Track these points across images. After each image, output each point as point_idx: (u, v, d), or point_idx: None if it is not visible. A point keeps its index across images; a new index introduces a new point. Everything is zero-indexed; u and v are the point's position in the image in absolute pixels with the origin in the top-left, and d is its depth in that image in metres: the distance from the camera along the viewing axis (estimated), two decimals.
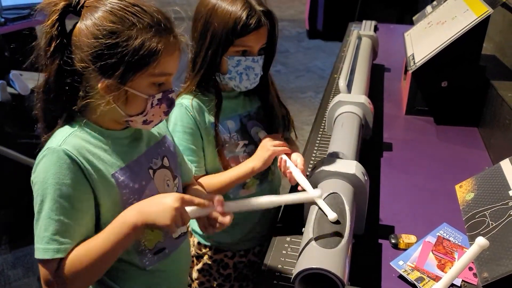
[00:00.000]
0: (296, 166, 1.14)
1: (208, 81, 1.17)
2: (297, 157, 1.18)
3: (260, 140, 1.23)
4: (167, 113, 0.93)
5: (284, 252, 1.12)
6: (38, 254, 0.84)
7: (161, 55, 0.85)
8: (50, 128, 0.91)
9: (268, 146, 1.17)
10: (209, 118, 1.19)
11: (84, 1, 0.87)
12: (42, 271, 0.85)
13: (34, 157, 0.89)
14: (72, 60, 0.86)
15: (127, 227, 0.84)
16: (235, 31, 1.10)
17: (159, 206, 0.84)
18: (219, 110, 1.19)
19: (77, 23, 0.86)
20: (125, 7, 0.85)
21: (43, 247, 0.83)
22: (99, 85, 0.86)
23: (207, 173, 1.23)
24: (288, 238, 1.16)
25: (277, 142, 1.18)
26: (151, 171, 0.97)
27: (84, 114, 0.90)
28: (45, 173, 0.83)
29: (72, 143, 0.86)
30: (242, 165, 1.17)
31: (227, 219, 0.92)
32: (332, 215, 0.94)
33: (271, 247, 1.13)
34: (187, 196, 0.88)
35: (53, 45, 0.85)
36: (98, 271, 0.87)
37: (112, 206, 0.89)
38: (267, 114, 1.28)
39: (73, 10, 0.86)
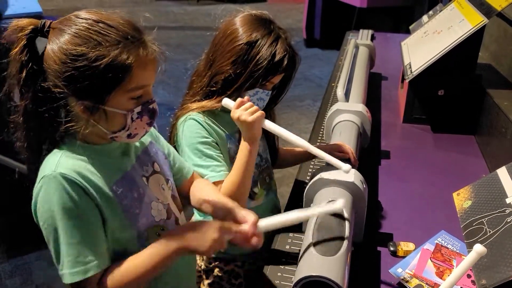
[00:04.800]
0: None
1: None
2: None
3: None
4: (150, 124, 0.92)
5: (283, 259, 1.12)
6: (67, 279, 0.84)
7: (133, 69, 0.84)
8: (37, 155, 0.89)
9: (243, 119, 1.06)
10: (221, 131, 1.20)
11: (50, 23, 0.85)
12: None
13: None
14: (48, 85, 0.84)
15: (171, 250, 0.89)
16: (275, 71, 1.17)
17: (200, 236, 0.89)
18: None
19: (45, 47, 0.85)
20: (89, 27, 0.83)
21: (70, 271, 0.83)
22: (77, 107, 0.85)
23: None
24: (287, 246, 1.16)
25: (250, 110, 1.06)
26: (144, 179, 0.97)
27: (69, 134, 0.89)
28: (48, 202, 0.83)
29: (66, 165, 0.85)
30: (240, 152, 1.13)
31: (261, 242, 0.94)
32: (346, 167, 0.99)
33: (269, 255, 1.14)
34: (226, 226, 0.91)
35: (24, 71, 0.84)
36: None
37: (115, 218, 0.89)
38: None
39: (41, 33, 0.85)
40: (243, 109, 1.06)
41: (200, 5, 8.48)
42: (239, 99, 1.08)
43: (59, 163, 0.85)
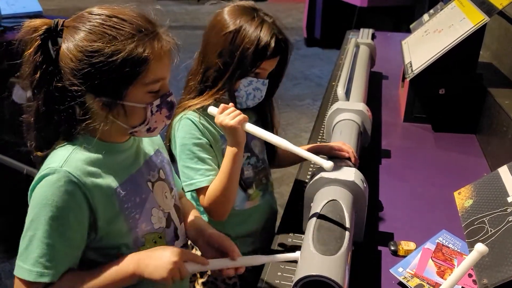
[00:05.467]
0: None
1: (223, 96, 1.19)
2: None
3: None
4: (169, 117, 0.93)
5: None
6: (21, 273, 0.83)
7: (150, 62, 0.83)
8: (45, 148, 0.88)
9: (225, 124, 1.05)
10: (217, 132, 1.19)
11: (63, 22, 0.85)
12: None
13: (32, 165, 0.89)
14: (64, 84, 0.84)
15: (124, 274, 0.87)
16: (264, 56, 1.14)
17: (157, 260, 0.86)
18: None
19: (60, 46, 0.84)
20: (103, 22, 0.83)
21: (28, 268, 0.82)
22: (95, 104, 0.85)
23: None
24: (287, 246, 1.16)
25: (231, 115, 1.06)
26: (150, 184, 0.97)
27: (86, 131, 0.89)
28: (43, 193, 0.82)
29: (74, 163, 0.84)
30: (225, 157, 1.13)
31: (242, 270, 0.97)
32: (327, 164, 0.97)
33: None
34: (189, 255, 0.91)
35: (39, 72, 0.83)
36: None
37: (113, 222, 0.88)
38: (264, 125, 1.29)
39: (55, 33, 0.84)
40: (225, 114, 1.06)
41: (200, 4, 8.48)
42: (222, 105, 1.08)
43: (68, 160, 0.84)
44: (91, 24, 0.83)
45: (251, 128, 1.07)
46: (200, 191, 1.16)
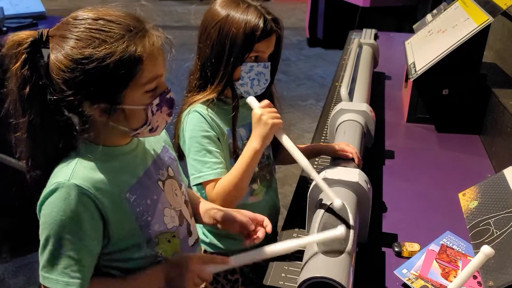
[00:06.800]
0: None
1: (225, 89, 1.19)
2: None
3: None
4: (170, 114, 0.91)
5: (287, 260, 1.11)
6: (48, 283, 0.83)
7: (143, 60, 0.81)
8: (43, 165, 0.87)
9: (264, 119, 1.07)
10: (223, 126, 1.20)
11: (48, 32, 0.82)
12: None
13: None
14: (58, 96, 0.81)
15: (149, 285, 0.90)
16: (254, 37, 1.14)
17: (178, 270, 0.90)
18: (236, 118, 1.20)
19: (49, 57, 0.81)
20: (90, 26, 0.80)
21: (55, 277, 0.82)
22: (93, 112, 0.83)
23: None
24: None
25: (273, 114, 1.08)
26: (160, 183, 0.96)
27: (88, 140, 0.87)
28: (55, 209, 0.81)
29: (81, 174, 0.83)
30: (244, 152, 1.13)
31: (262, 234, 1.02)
32: (337, 203, 0.97)
33: (272, 259, 1.13)
34: (207, 257, 0.95)
35: (28, 87, 0.81)
36: None
37: (125, 227, 0.88)
38: None
39: (41, 44, 0.82)
40: (268, 111, 1.08)
41: (203, 4, 8.44)
42: (266, 101, 1.10)
43: (75, 172, 0.83)
44: (78, 30, 0.81)
45: (285, 139, 1.07)
46: (207, 183, 1.16)
